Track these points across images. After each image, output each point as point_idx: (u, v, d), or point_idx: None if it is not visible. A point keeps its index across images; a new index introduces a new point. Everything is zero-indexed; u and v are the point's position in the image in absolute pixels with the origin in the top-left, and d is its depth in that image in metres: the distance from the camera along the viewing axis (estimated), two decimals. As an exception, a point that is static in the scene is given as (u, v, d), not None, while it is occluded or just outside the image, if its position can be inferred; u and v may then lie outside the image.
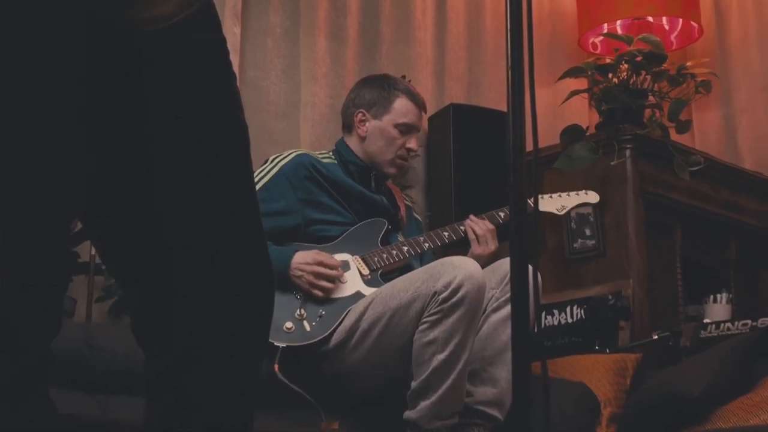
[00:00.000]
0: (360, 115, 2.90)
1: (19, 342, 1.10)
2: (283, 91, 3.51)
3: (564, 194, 3.13)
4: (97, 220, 1.25)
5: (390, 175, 2.91)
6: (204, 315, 1.23)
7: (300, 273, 2.60)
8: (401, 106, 2.88)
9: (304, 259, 2.62)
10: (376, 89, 2.91)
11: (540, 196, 3.06)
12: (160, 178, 1.21)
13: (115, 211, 1.22)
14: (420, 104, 2.91)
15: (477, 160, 3.60)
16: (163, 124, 1.20)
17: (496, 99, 3.98)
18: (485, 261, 2.80)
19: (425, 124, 3.77)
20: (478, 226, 2.85)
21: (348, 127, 2.93)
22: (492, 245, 2.84)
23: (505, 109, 1.23)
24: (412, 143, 2.88)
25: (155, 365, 1.25)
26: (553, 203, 3.09)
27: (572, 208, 3.14)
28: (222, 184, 1.25)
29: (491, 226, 2.86)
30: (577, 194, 3.15)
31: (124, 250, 1.24)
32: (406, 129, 2.87)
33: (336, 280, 2.65)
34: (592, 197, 3.18)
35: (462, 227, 2.86)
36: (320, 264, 2.62)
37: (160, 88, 1.21)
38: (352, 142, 2.90)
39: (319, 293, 2.60)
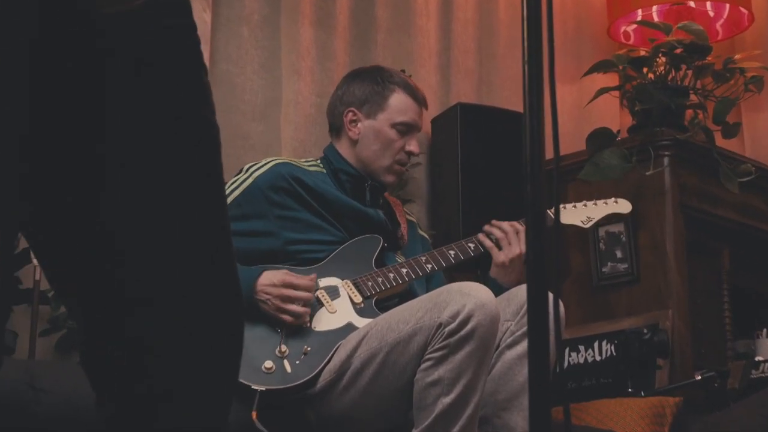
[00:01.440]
0: (350, 114, 2.90)
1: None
2: (260, 88, 3.52)
3: (590, 203, 3.12)
4: (38, 232, 1.25)
5: (387, 184, 2.91)
6: (165, 350, 1.23)
7: (266, 297, 2.60)
8: (398, 101, 2.88)
9: (270, 280, 2.61)
10: (368, 83, 2.91)
11: (562, 205, 3.05)
12: (113, 187, 1.21)
13: (56, 224, 1.23)
14: (420, 100, 2.92)
15: (488, 169, 3.61)
16: (120, 124, 1.21)
17: (510, 98, 3.99)
18: (514, 270, 2.80)
19: (427, 126, 3.78)
20: (495, 228, 2.85)
21: (336, 129, 2.93)
22: (516, 247, 2.83)
23: (521, 110, 1.24)
24: (412, 145, 2.89)
25: (109, 409, 1.25)
26: (577, 214, 3.09)
27: (600, 220, 3.13)
28: (187, 196, 1.25)
29: (518, 227, 2.86)
30: (606, 203, 3.14)
31: (71, 272, 1.25)
32: (405, 129, 2.87)
33: (319, 307, 2.65)
34: (624, 206, 3.17)
35: (471, 243, 2.87)
36: (289, 286, 2.61)
37: (120, 80, 1.21)
38: (343, 147, 2.90)
39: (288, 319, 2.60)
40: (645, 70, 3.67)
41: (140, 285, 1.22)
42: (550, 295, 1.23)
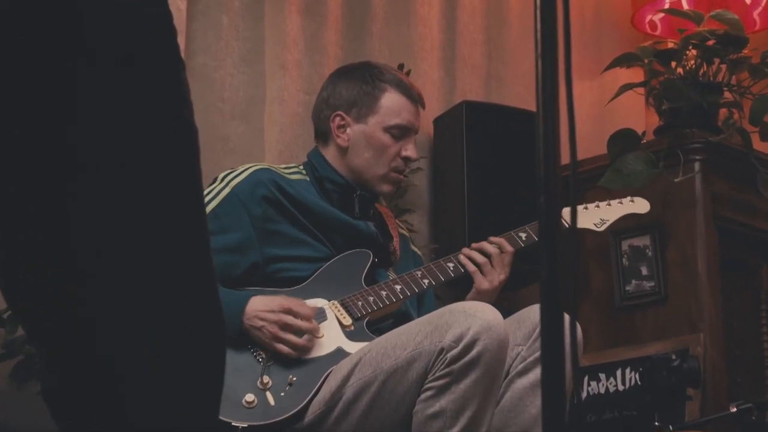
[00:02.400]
0: (337, 119, 2.89)
1: None
2: (242, 84, 3.52)
3: (603, 204, 3.11)
4: None
5: (383, 194, 2.92)
6: (137, 379, 1.23)
7: (261, 323, 2.60)
8: (391, 102, 2.88)
9: (267, 305, 2.61)
10: (356, 83, 2.91)
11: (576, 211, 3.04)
12: (81, 195, 1.21)
13: (16, 236, 1.23)
14: (416, 98, 2.92)
15: (497, 175, 3.62)
16: (90, 125, 1.21)
17: (522, 95, 4.00)
18: (493, 297, 2.81)
19: (429, 127, 3.78)
20: (476, 253, 2.86)
21: (323, 135, 2.93)
22: (501, 273, 2.85)
23: (533, 109, 1.24)
24: (409, 150, 2.89)
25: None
26: (589, 216, 3.08)
27: (616, 222, 3.12)
28: (163, 207, 1.25)
29: (506, 246, 2.87)
30: (621, 203, 3.13)
31: (30, 289, 1.25)
32: (400, 132, 2.87)
33: (309, 335, 2.65)
34: (641, 206, 3.16)
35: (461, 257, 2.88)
36: (289, 312, 2.61)
37: (92, 76, 1.21)
38: (330, 154, 2.90)
39: (285, 350, 2.60)
40: (673, 64, 3.67)
41: (109, 305, 1.22)
42: (566, 317, 1.23)
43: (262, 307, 2.61)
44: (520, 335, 2.62)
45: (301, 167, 2.92)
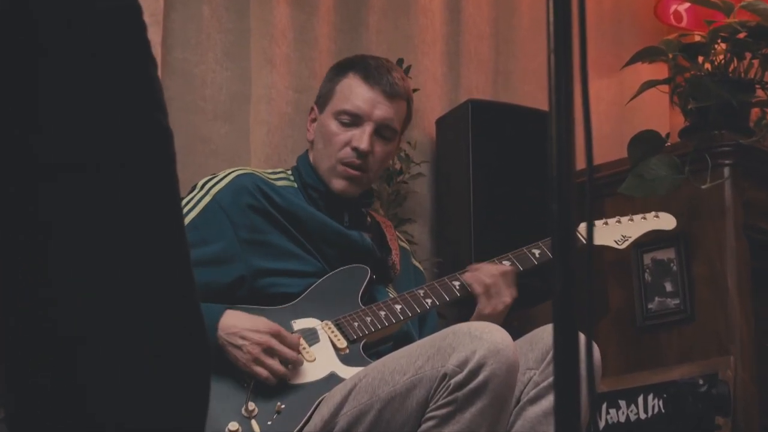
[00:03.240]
0: (312, 113, 2.97)
1: None
2: (225, 82, 3.52)
3: (625, 219, 3.12)
4: None
5: (337, 192, 2.88)
6: (113, 405, 1.24)
7: (242, 342, 2.59)
8: (345, 86, 2.90)
9: (253, 324, 2.61)
10: (331, 72, 2.98)
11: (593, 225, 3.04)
12: (44, 208, 1.22)
13: None
14: (380, 84, 2.86)
15: (506, 181, 3.62)
16: (52, 131, 1.21)
17: (533, 93, 4.00)
18: (497, 321, 2.81)
19: (431, 128, 3.78)
20: (481, 273, 2.86)
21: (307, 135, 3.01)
22: (507, 295, 2.85)
23: (546, 108, 1.24)
24: (356, 139, 2.86)
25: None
26: (609, 233, 3.09)
27: (638, 239, 3.13)
28: (136, 218, 1.25)
29: (506, 268, 2.87)
30: (644, 218, 3.14)
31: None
32: (350, 120, 2.86)
33: (292, 366, 2.64)
34: (667, 222, 3.17)
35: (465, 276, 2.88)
36: (276, 335, 2.61)
37: (52, 77, 1.22)
38: (311, 155, 2.94)
39: (263, 374, 2.59)
40: (700, 59, 3.68)
41: (79, 324, 1.22)
42: (582, 337, 1.23)
43: (246, 324, 2.61)
44: (532, 358, 2.62)
45: (289, 172, 2.92)
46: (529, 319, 3.52)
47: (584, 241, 1.32)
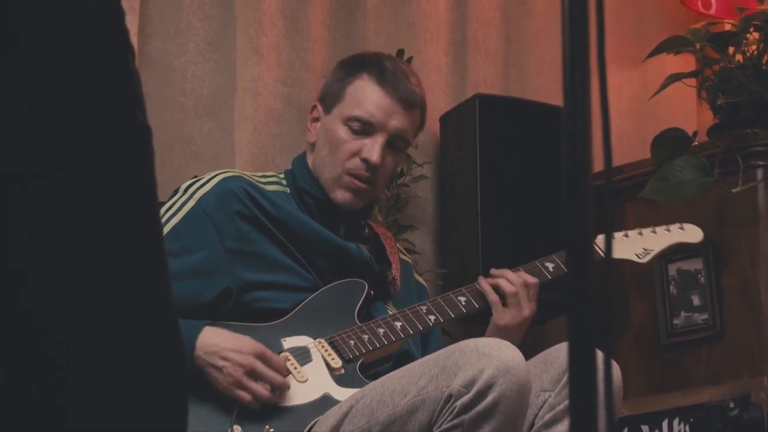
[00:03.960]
0: (314, 111, 2.95)
1: None
2: (208, 74, 3.53)
3: (647, 231, 3.13)
4: None
5: (339, 203, 2.87)
6: (80, 421, 1.24)
7: (223, 363, 2.59)
8: (358, 89, 2.88)
9: (236, 344, 2.61)
10: (340, 69, 2.95)
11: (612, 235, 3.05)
12: (14, 212, 1.22)
13: None
14: (397, 92, 2.86)
15: (518, 183, 3.62)
16: (17, 134, 1.21)
17: (547, 87, 4.01)
18: (516, 335, 2.82)
19: (435, 125, 3.78)
20: (503, 279, 2.86)
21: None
22: (527, 308, 2.85)
23: (560, 104, 1.24)
24: (367, 151, 2.84)
25: None
26: (630, 245, 3.10)
27: (661, 253, 3.13)
28: (111, 223, 1.25)
29: (530, 279, 2.87)
30: (668, 230, 3.15)
31: None
32: (360, 127, 2.86)
33: (277, 392, 2.64)
34: (693, 234, 3.17)
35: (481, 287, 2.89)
36: (261, 357, 2.61)
37: (19, 69, 1.21)
38: (311, 157, 2.92)
39: (245, 398, 2.59)
40: (731, 50, 3.68)
41: (47, 333, 1.23)
42: (601, 356, 1.22)
43: (228, 344, 2.61)
44: (547, 379, 2.62)
45: (281, 176, 2.92)
46: (543, 336, 3.53)
47: (602, 254, 1.32)
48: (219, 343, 2.61)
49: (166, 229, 2.68)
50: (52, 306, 1.24)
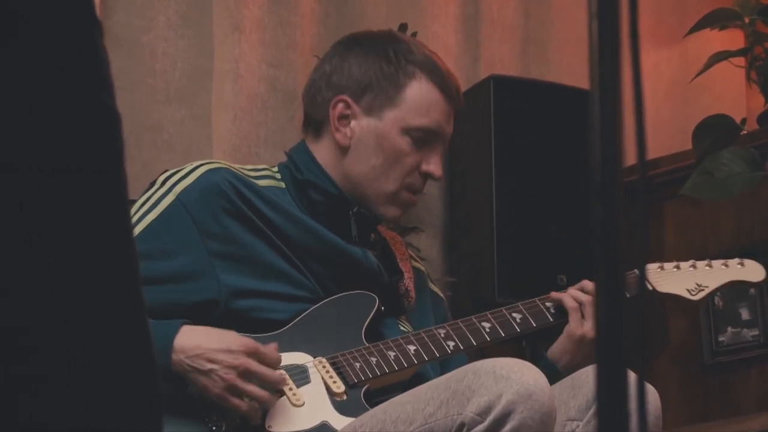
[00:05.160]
0: (341, 105, 2.86)
1: None
2: (181, 54, 3.54)
3: (701, 264, 3.12)
4: None
5: (386, 218, 2.90)
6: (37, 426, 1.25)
7: (211, 366, 2.58)
8: (420, 94, 2.86)
9: (222, 341, 2.59)
10: (375, 58, 2.89)
11: (658, 265, 3.07)
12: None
13: None
14: (452, 93, 2.88)
15: (538, 178, 3.62)
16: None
17: (571, 68, 4.01)
18: (587, 350, 2.83)
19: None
20: (580, 292, 2.86)
21: (316, 125, 2.91)
22: (589, 327, 2.85)
23: (587, 87, 1.24)
24: (433, 164, 2.86)
25: None
26: (681, 279, 3.10)
27: (717, 290, 3.13)
28: (74, 220, 1.27)
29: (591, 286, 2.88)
30: (725, 265, 3.14)
31: None
32: (424, 138, 2.86)
33: (278, 396, 2.65)
34: (753, 272, 3.15)
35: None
36: (253, 354, 2.61)
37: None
38: (322, 153, 2.88)
39: (242, 407, 2.59)
40: (785, 24, 3.69)
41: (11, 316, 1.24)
42: (634, 379, 1.23)
43: (213, 343, 2.59)
44: (575, 406, 2.63)
45: (275, 170, 2.91)
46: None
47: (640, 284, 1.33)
48: (202, 343, 2.60)
49: (142, 226, 2.69)
50: (5, 309, 1.25)
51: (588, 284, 2.88)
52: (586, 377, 2.66)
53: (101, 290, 1.29)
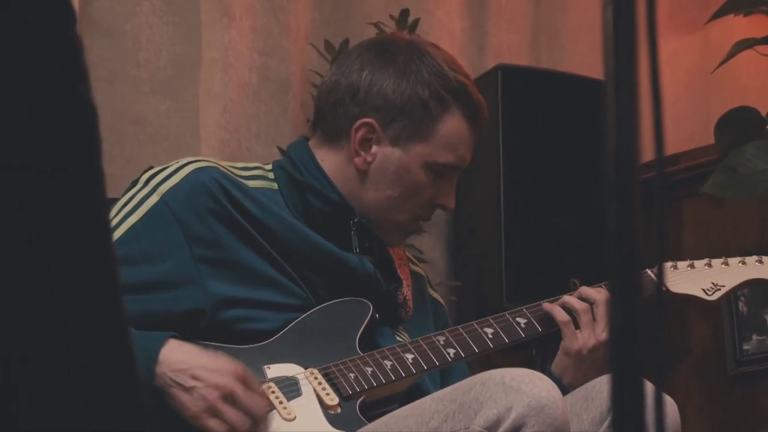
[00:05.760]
0: (365, 129, 2.84)
1: None
2: (167, 41, 3.54)
3: (718, 262, 3.13)
4: None
5: (388, 244, 2.89)
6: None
7: (193, 383, 2.57)
8: (452, 131, 2.84)
9: (211, 361, 2.60)
10: (411, 82, 2.85)
11: (672, 264, 3.07)
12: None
13: None
14: (481, 124, 2.87)
15: (549, 175, 3.63)
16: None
17: (585, 57, 4.02)
18: (593, 363, 2.82)
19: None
20: (574, 299, 2.86)
21: (332, 134, 2.87)
22: (604, 330, 2.84)
23: (601, 77, 1.25)
24: (446, 197, 2.86)
25: None
26: (697, 278, 3.10)
27: (735, 290, 3.14)
28: (47, 222, 1.27)
29: (602, 294, 2.87)
30: (743, 263, 3.15)
31: None
32: (446, 171, 2.87)
33: (272, 408, 2.66)
34: None
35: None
36: (242, 380, 2.61)
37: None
38: (331, 162, 2.86)
39: (217, 429, 2.59)
40: (813, 10, 3.69)
41: None
42: (652, 390, 1.24)
43: (201, 360, 2.59)
44: (588, 419, 2.64)
45: (269, 168, 2.90)
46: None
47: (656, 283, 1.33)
48: (188, 359, 2.59)
49: (123, 228, 2.68)
50: None
51: (586, 291, 2.89)
52: (600, 388, 2.67)
53: (81, 293, 1.30)
